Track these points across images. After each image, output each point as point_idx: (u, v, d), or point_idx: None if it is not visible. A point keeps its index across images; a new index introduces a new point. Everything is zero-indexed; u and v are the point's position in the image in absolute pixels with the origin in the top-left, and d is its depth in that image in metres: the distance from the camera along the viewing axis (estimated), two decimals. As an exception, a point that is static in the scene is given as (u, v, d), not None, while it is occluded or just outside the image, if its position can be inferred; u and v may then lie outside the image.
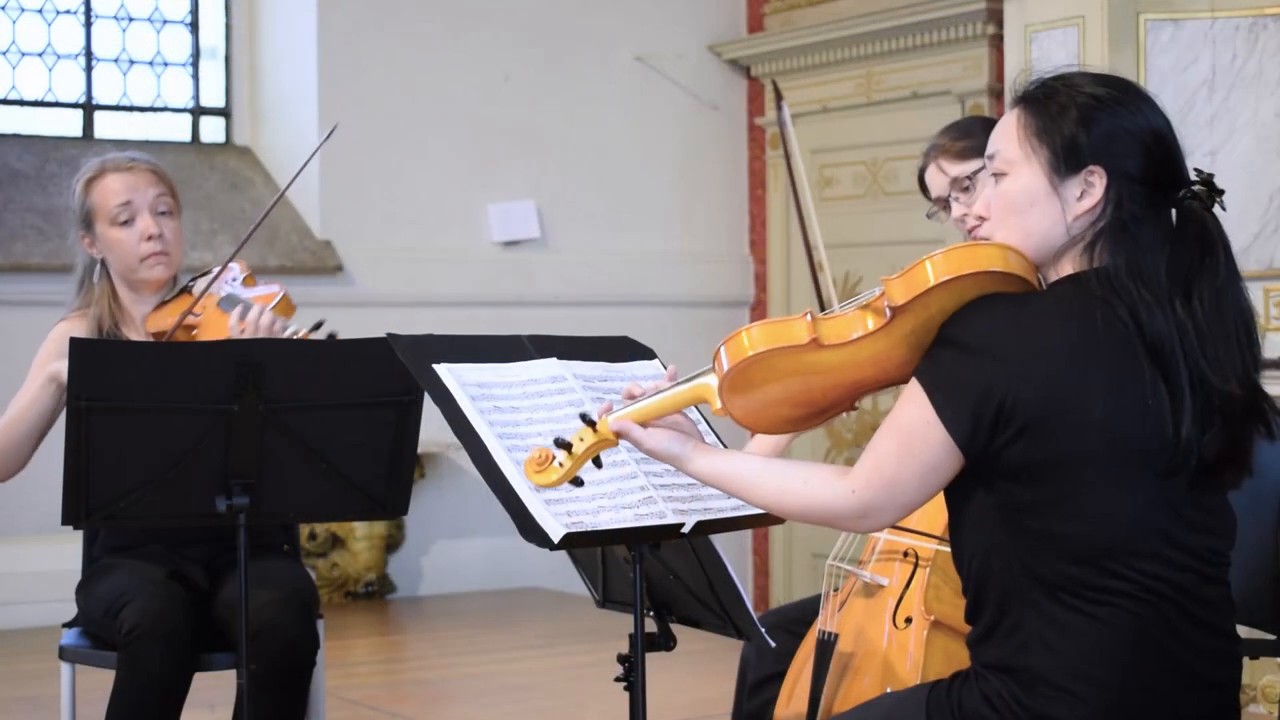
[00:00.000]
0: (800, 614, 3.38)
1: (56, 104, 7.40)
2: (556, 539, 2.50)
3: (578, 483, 2.48)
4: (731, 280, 8.07)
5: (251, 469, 3.14)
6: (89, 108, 7.45)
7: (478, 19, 7.58)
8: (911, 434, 2.27)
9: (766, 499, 2.40)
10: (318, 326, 3.52)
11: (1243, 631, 2.46)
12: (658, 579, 2.93)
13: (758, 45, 7.82)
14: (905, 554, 3.21)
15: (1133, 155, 2.29)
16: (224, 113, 7.72)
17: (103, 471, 3.09)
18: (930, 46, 7.02)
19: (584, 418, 2.46)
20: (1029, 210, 2.32)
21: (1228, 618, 2.34)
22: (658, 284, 7.89)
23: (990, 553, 2.30)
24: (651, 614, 2.93)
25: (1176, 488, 2.25)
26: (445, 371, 2.67)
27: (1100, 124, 2.29)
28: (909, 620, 3.15)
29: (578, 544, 2.59)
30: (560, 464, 2.44)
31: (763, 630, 2.90)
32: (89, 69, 7.45)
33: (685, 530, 2.64)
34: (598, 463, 2.51)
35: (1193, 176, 2.33)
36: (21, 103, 7.33)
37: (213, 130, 7.70)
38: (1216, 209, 2.31)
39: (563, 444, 2.44)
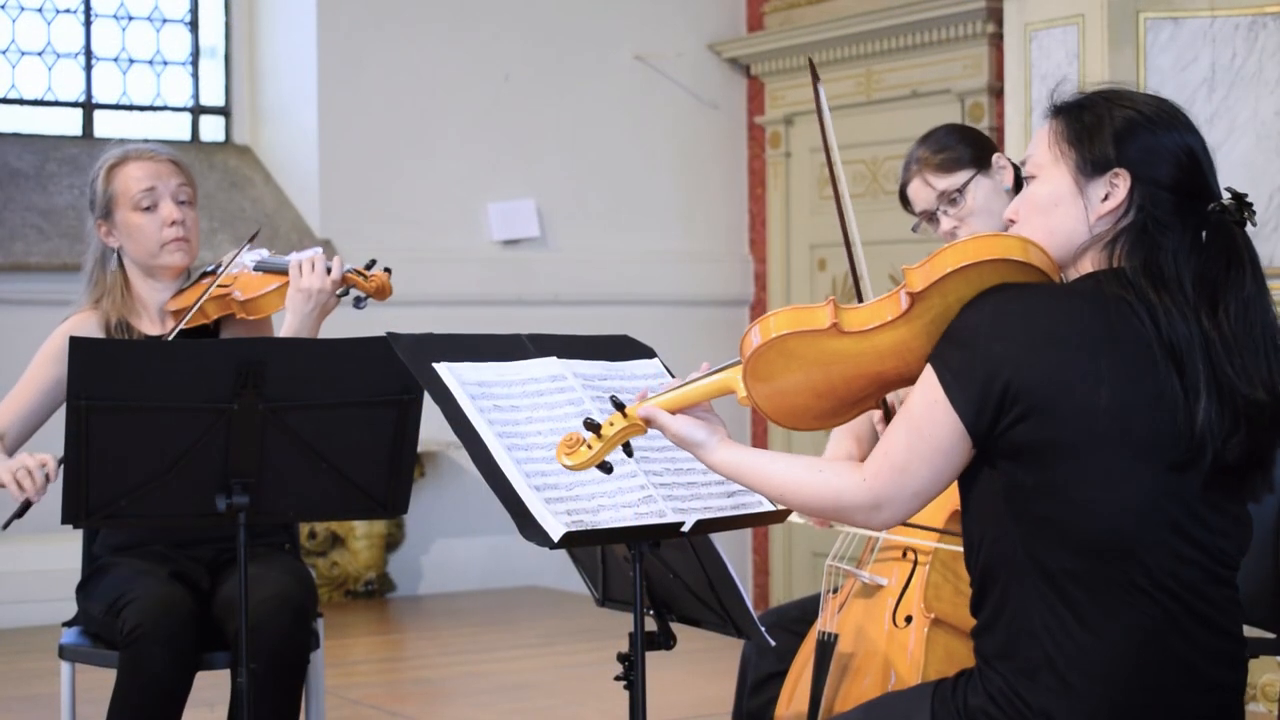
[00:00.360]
0: (800, 613, 3.38)
1: (56, 103, 7.40)
2: (556, 538, 2.50)
3: (606, 468, 2.49)
4: (731, 279, 8.07)
5: (251, 468, 3.14)
6: (89, 107, 7.45)
7: (477, 19, 7.58)
8: (920, 417, 2.29)
9: (782, 490, 2.40)
10: (371, 264, 3.59)
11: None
12: (658, 578, 2.93)
13: (757, 44, 7.82)
14: (904, 553, 3.21)
15: (1161, 164, 2.33)
16: (224, 112, 7.72)
17: (103, 471, 3.09)
18: (930, 45, 7.02)
19: (615, 401, 2.48)
20: (1053, 210, 2.36)
21: (1234, 619, 2.34)
22: (658, 283, 7.89)
23: (997, 540, 2.31)
24: (651, 613, 2.93)
25: (1191, 484, 2.26)
26: (445, 370, 2.67)
27: (1131, 132, 2.34)
28: (909, 619, 3.15)
29: (577, 543, 2.59)
30: (589, 446, 2.45)
31: (762, 629, 2.90)
32: (89, 68, 7.45)
33: (685, 529, 2.64)
34: (628, 450, 2.52)
35: (1224, 194, 2.36)
36: (21, 102, 7.33)
37: (212, 129, 7.71)
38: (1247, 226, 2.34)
39: (592, 426, 2.46)
